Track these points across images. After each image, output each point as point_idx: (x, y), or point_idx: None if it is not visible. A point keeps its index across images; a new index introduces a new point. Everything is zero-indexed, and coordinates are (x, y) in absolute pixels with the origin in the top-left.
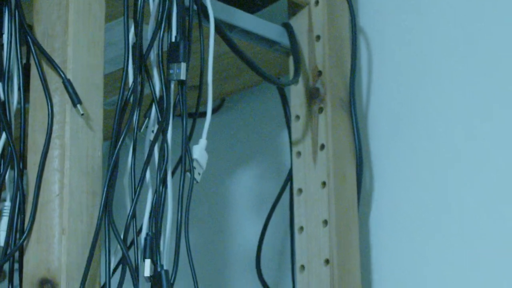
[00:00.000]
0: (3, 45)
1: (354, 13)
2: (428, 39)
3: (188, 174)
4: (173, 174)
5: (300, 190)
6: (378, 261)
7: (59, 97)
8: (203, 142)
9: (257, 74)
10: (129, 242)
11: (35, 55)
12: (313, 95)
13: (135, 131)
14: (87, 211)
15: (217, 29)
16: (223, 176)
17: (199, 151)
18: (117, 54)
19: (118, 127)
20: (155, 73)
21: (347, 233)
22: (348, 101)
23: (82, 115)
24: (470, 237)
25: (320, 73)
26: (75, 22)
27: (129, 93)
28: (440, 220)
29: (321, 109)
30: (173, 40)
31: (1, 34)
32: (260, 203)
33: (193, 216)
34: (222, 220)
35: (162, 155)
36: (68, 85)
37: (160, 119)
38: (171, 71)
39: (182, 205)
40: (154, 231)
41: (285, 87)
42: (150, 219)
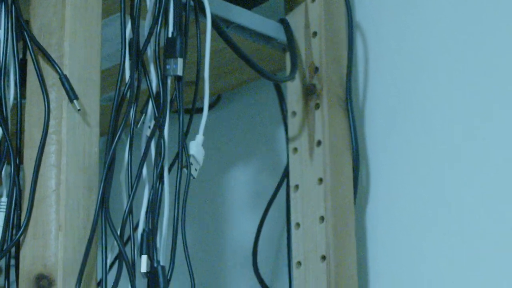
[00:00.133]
0: None
1: (351, 9)
2: (425, 34)
3: (184, 170)
4: (170, 170)
5: (296, 186)
6: (374, 257)
7: (56, 92)
8: (199, 138)
9: (254, 70)
10: (125, 238)
11: (31, 51)
12: (310, 91)
13: (131, 127)
14: (83, 206)
15: (214, 25)
16: (219, 172)
17: (195, 147)
18: (113, 50)
19: (114, 123)
20: (152, 69)
21: (343, 229)
22: (344, 97)
23: (78, 110)
24: (467, 232)
25: (316, 69)
26: (72, 17)
27: (126, 88)
28: (436, 215)
29: (317, 105)
30: (170, 35)
31: None
32: (256, 199)
33: (190, 212)
34: (218, 216)
35: (158, 151)
36: (64, 81)
37: (156, 115)
38: (167, 67)
39: (178, 201)
40: (150, 227)
41: (281, 83)
42: (146, 215)
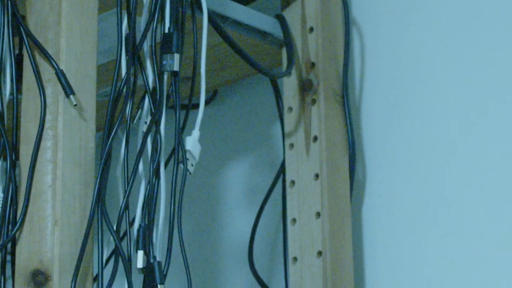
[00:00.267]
0: None
1: (347, 4)
2: (422, 29)
3: (181, 165)
4: (166, 165)
5: (292, 182)
6: (371, 253)
7: (52, 88)
8: (196, 133)
9: (250, 65)
10: (122, 233)
11: (28, 46)
12: (306, 87)
13: (128, 122)
14: (80, 202)
15: (210, 21)
16: (216, 167)
17: (192, 142)
18: (110, 45)
19: (111, 118)
20: (148, 64)
21: (339, 225)
22: (341, 93)
23: (75, 106)
24: (463, 229)
25: (313, 64)
26: (68, 13)
27: (122, 84)
28: (433, 211)
29: (314, 101)
30: (166, 31)
31: None
32: (252, 194)
33: (186, 207)
34: (214, 211)
35: (155, 146)
36: (61, 76)
37: (153, 110)
38: (164, 62)
39: (175, 197)
40: (147, 222)
41: (278, 78)
42: (143, 210)
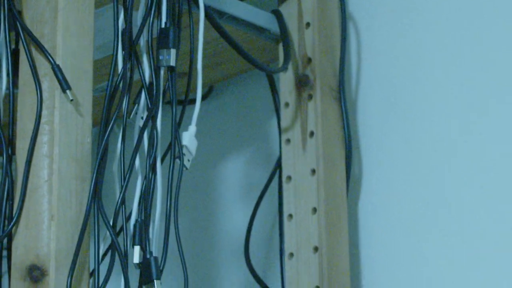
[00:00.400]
0: None
1: (344, 0)
2: (419, 26)
3: (177, 160)
4: (163, 160)
5: (289, 177)
6: (367, 249)
7: (48, 82)
8: (192, 128)
9: (247, 60)
10: (118, 228)
11: (24, 41)
12: (303, 82)
13: (124, 118)
14: (76, 197)
15: (207, 16)
16: (212, 163)
17: (188, 138)
18: (106, 40)
19: (107, 113)
20: (145, 60)
21: (336, 220)
22: (337, 89)
23: (71, 100)
24: (462, 228)
25: (309, 60)
26: (65, 8)
27: (119, 79)
28: (430, 209)
29: (310, 96)
30: (163, 26)
31: None
32: (249, 190)
33: (182, 203)
34: (211, 207)
35: (151, 142)
36: (57, 71)
37: (149, 106)
38: (160, 58)
39: (171, 192)
40: (143, 217)
41: (274, 74)
42: (139, 205)
